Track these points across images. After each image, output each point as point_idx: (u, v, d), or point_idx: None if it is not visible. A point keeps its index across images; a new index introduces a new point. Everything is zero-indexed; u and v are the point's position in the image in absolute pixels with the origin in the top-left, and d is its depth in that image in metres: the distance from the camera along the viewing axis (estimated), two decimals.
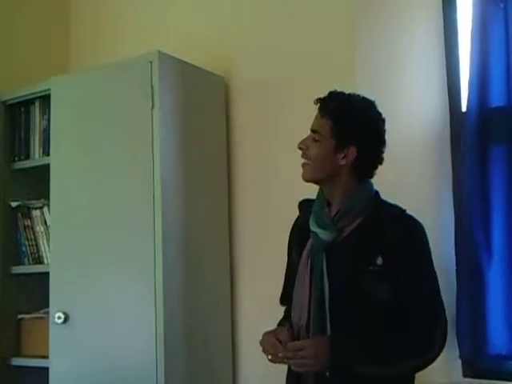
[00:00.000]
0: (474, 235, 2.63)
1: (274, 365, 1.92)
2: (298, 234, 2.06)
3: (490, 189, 2.64)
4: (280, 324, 2.06)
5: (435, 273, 1.90)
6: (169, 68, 2.76)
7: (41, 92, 3.11)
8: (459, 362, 2.74)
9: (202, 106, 2.92)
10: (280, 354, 1.84)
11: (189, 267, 2.73)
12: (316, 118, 1.97)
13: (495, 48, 2.66)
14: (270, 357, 1.89)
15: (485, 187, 2.64)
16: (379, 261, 1.82)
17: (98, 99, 2.85)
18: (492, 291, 2.57)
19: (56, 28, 3.75)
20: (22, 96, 3.18)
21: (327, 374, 1.80)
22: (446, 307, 2.69)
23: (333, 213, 1.93)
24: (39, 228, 3.11)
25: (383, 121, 1.95)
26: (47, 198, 2.97)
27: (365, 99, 1.96)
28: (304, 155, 1.95)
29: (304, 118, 2.14)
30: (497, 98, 2.68)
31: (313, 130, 1.95)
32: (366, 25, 2.80)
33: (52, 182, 2.91)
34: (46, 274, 2.87)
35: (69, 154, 2.90)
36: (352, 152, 1.89)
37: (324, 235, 1.91)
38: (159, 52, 2.72)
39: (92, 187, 2.81)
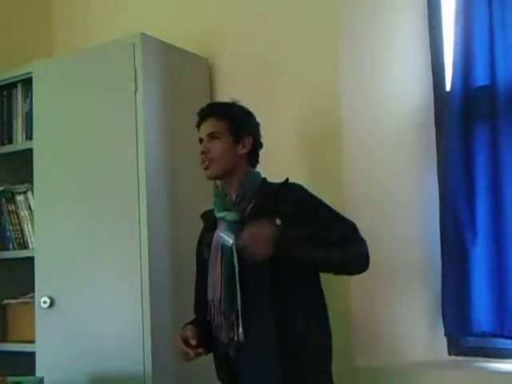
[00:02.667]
0: (459, 214, 2.63)
1: None
2: (206, 238, 2.27)
3: (474, 168, 2.63)
4: (189, 323, 2.27)
5: (330, 212, 2.14)
6: (152, 50, 2.74)
7: (23, 75, 3.08)
8: (444, 340, 2.76)
9: (185, 88, 2.91)
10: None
11: (175, 255, 2.73)
12: (207, 125, 2.22)
13: (479, 26, 2.65)
14: (187, 358, 2.13)
15: (469, 166, 2.64)
16: (278, 222, 2.03)
17: (80, 83, 2.83)
18: (476, 269, 2.58)
19: (38, 11, 3.71)
20: (4, 79, 3.16)
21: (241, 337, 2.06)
22: (430, 285, 2.73)
23: (233, 198, 2.19)
24: (23, 213, 3.10)
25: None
26: (31, 182, 2.95)
27: (242, 104, 2.30)
28: (205, 158, 2.19)
29: (288, 99, 2.16)
30: (481, 77, 2.68)
31: (210, 134, 2.21)
32: (350, 5, 2.79)
33: (35, 166, 2.89)
34: (31, 259, 2.87)
35: (52, 138, 2.89)
36: (248, 140, 2.22)
37: (231, 216, 2.16)
38: (142, 34, 2.70)
39: (75, 171, 2.80)
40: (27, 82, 3.07)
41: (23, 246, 3.09)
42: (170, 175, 2.76)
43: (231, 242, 2.08)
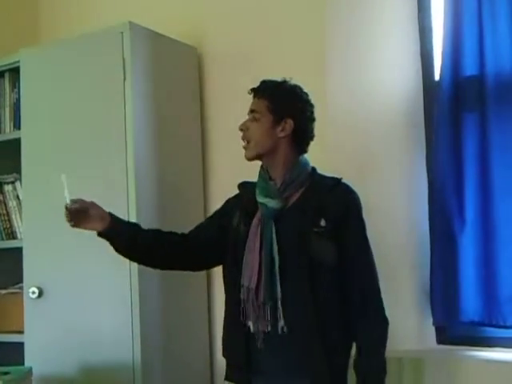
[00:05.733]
0: (447, 202, 2.65)
1: None
2: (242, 206, 2.16)
3: (462, 157, 2.64)
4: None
5: (368, 240, 2.10)
6: (140, 39, 2.73)
7: (10, 64, 3.06)
8: (433, 329, 2.77)
9: (174, 77, 2.90)
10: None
11: None
12: (252, 102, 2.14)
13: (468, 16, 2.65)
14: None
15: (458, 155, 2.65)
16: (322, 222, 2.00)
17: (68, 71, 2.82)
18: (465, 258, 2.59)
19: None
20: None
21: (284, 329, 1.96)
22: (419, 274, 2.74)
23: (277, 185, 2.09)
24: (12, 203, 3.08)
25: (311, 101, 2.14)
26: (19, 172, 2.94)
27: (294, 83, 2.14)
28: (244, 136, 2.12)
29: None
30: (470, 67, 2.68)
31: (251, 110, 2.12)
32: None
33: (23, 156, 2.88)
34: (20, 249, 2.85)
35: (40, 127, 2.87)
36: (289, 124, 2.08)
37: (272, 204, 2.06)
38: (130, 23, 2.69)
39: (64, 161, 2.78)
40: (15, 71, 3.05)
41: (11, 236, 3.07)
42: (159, 163, 2.76)
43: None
